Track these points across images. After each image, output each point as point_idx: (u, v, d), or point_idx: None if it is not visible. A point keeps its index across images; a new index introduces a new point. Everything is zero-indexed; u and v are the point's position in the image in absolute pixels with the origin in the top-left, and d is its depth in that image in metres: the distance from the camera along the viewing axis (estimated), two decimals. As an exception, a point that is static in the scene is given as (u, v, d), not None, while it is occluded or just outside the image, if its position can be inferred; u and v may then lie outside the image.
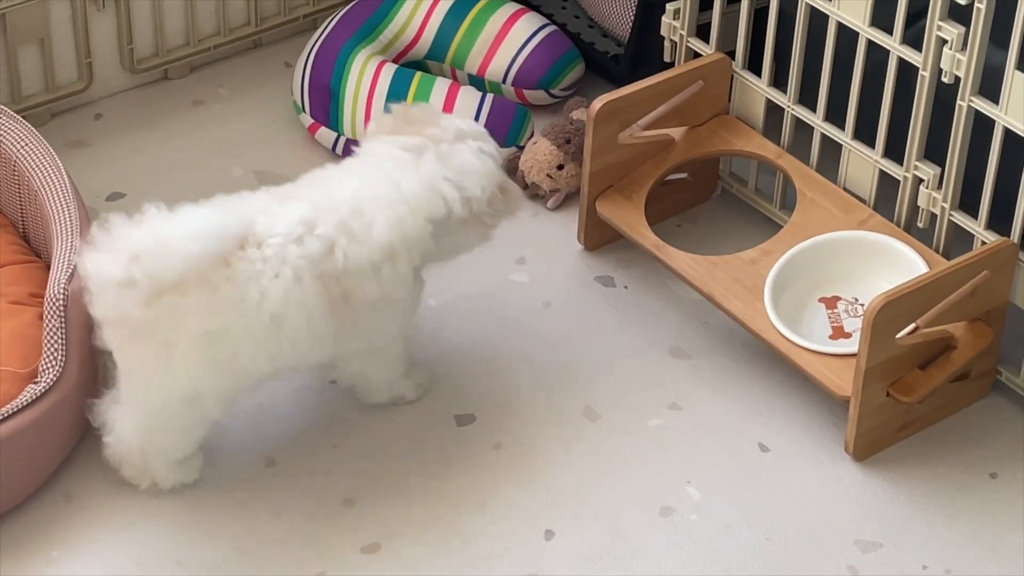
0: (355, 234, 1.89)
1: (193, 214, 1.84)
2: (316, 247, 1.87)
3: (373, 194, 1.92)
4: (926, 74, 2.03)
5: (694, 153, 2.24)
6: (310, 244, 1.87)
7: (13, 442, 1.86)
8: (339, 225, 1.89)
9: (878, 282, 2.08)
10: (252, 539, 1.92)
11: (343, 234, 1.88)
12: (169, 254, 1.79)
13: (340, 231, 1.88)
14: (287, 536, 1.93)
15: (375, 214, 1.90)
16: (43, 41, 2.33)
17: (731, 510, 1.97)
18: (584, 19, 2.54)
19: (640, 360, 2.13)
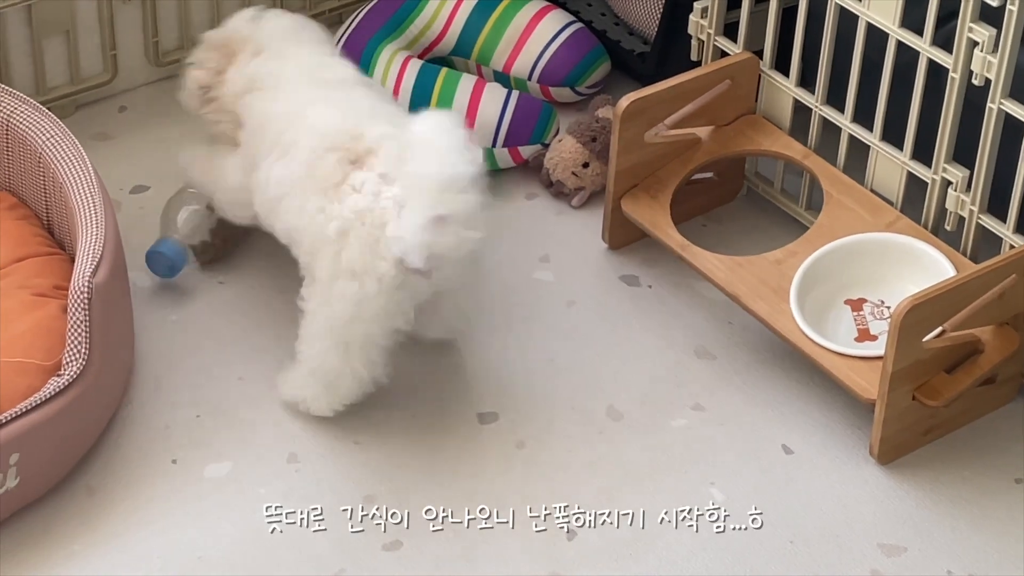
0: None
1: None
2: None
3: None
4: (956, 76, 2.02)
5: (720, 153, 2.23)
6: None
7: (36, 435, 1.86)
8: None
9: (905, 285, 2.07)
10: (274, 536, 1.92)
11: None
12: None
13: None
14: (308, 533, 1.92)
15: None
16: (68, 33, 2.32)
17: (754, 512, 1.96)
18: (610, 16, 2.53)
19: (664, 360, 2.13)
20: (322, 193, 1.93)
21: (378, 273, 1.90)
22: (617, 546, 1.92)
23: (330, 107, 1.98)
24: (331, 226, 1.91)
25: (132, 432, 2.00)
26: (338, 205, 1.91)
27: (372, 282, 1.91)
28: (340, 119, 1.96)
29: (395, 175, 1.89)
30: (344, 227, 1.91)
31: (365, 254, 1.90)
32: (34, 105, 2.11)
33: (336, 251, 1.91)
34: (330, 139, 1.94)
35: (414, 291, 1.93)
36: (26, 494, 1.89)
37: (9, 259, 2.04)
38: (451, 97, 2.33)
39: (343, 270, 1.91)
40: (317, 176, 1.93)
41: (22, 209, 2.12)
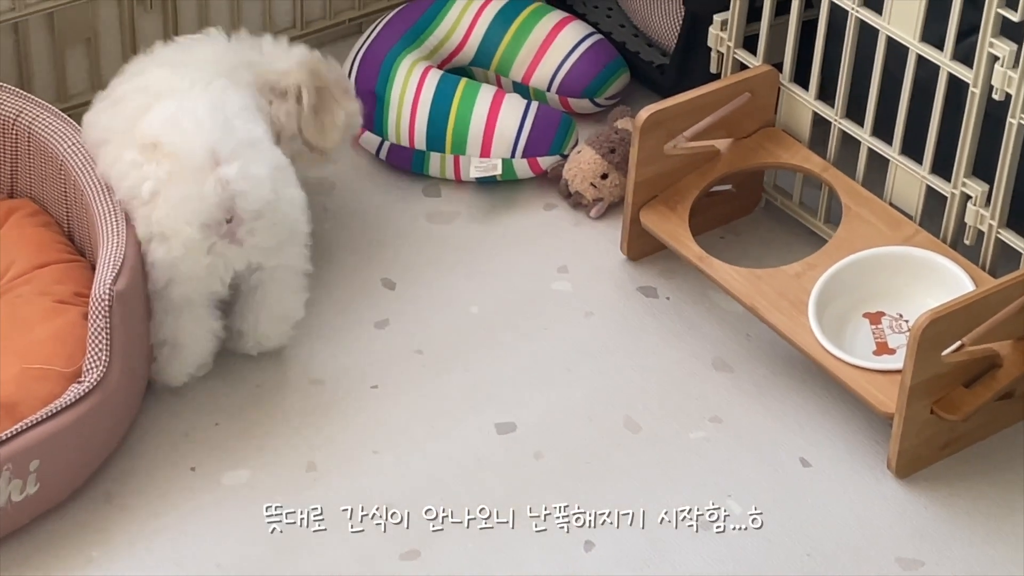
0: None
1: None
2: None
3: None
4: (976, 91, 2.02)
5: (739, 165, 2.23)
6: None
7: (55, 441, 1.87)
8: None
9: (923, 299, 2.08)
10: (291, 543, 1.92)
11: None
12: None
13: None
14: (326, 541, 1.93)
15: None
16: (90, 40, 2.33)
17: (772, 524, 1.96)
18: (629, 28, 2.54)
19: (682, 372, 2.13)
20: (140, 149, 1.97)
21: (183, 237, 1.94)
22: (634, 556, 1.92)
23: (163, 68, 2.05)
24: (146, 186, 1.96)
25: (151, 439, 2.01)
26: (154, 166, 1.96)
27: (179, 246, 1.95)
28: (170, 77, 2.02)
29: (167, 152, 1.96)
30: (156, 188, 1.95)
31: (171, 217, 1.94)
32: (56, 112, 2.12)
33: (148, 213, 1.96)
34: (152, 96, 2.00)
35: (226, 257, 1.97)
36: (46, 500, 1.90)
37: (30, 266, 2.05)
38: (471, 108, 2.33)
39: (153, 233, 1.96)
40: (138, 131, 1.98)
41: (43, 216, 2.13)
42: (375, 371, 2.10)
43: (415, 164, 2.36)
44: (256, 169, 1.95)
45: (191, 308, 2.01)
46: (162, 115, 1.98)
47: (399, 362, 2.11)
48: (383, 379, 2.09)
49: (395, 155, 2.36)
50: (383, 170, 2.37)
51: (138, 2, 2.34)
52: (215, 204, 1.94)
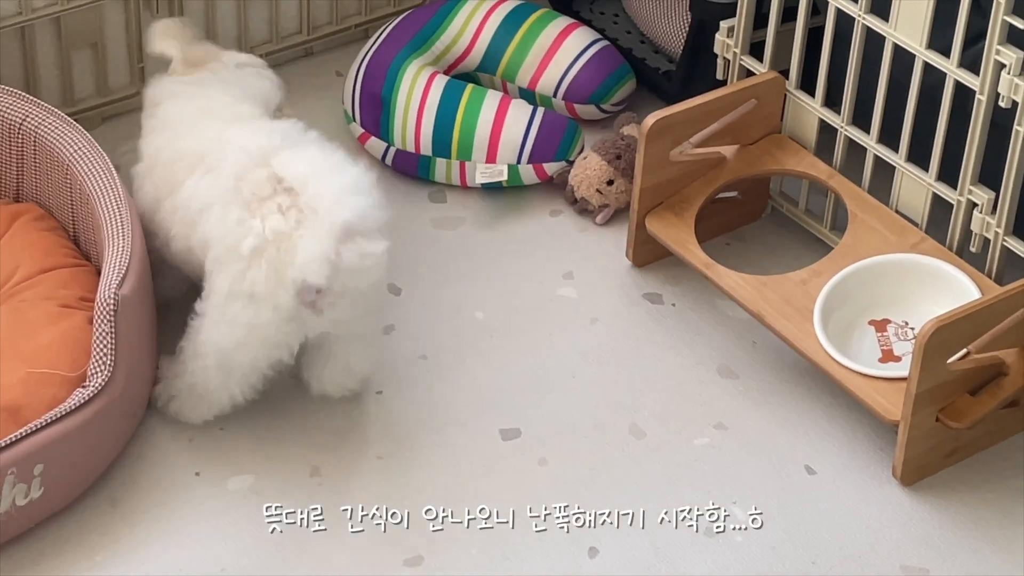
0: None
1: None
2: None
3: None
4: (983, 98, 2.02)
5: (745, 172, 2.23)
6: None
7: (60, 445, 1.87)
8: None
9: (929, 306, 2.07)
10: (295, 548, 1.92)
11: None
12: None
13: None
14: (330, 546, 1.93)
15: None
16: (96, 45, 2.33)
17: (777, 532, 1.96)
18: (636, 35, 2.53)
19: (687, 378, 2.12)
20: (246, 206, 1.91)
21: (276, 301, 1.88)
22: (638, 562, 1.92)
23: (250, 131, 1.99)
24: (247, 242, 1.89)
25: (156, 444, 2.01)
26: (259, 222, 1.89)
27: (267, 310, 1.89)
28: (268, 138, 1.96)
29: (302, 202, 1.89)
30: (259, 246, 1.89)
31: (271, 279, 1.88)
32: (62, 117, 2.12)
33: (243, 269, 1.89)
34: (260, 157, 1.93)
35: (304, 325, 1.92)
36: (50, 505, 1.90)
37: (35, 270, 2.05)
38: (476, 113, 2.33)
39: (243, 291, 1.89)
40: (244, 188, 1.92)
41: (49, 220, 2.13)
42: (380, 376, 2.09)
43: (421, 170, 2.36)
44: (376, 248, 1.88)
45: (244, 371, 1.95)
46: (302, 164, 1.90)
47: (404, 367, 2.11)
48: (388, 384, 2.09)
49: (401, 161, 2.36)
50: (389, 175, 2.37)
51: (144, 7, 2.34)
52: (327, 275, 1.86)
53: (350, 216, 1.87)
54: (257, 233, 1.88)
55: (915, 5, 2.04)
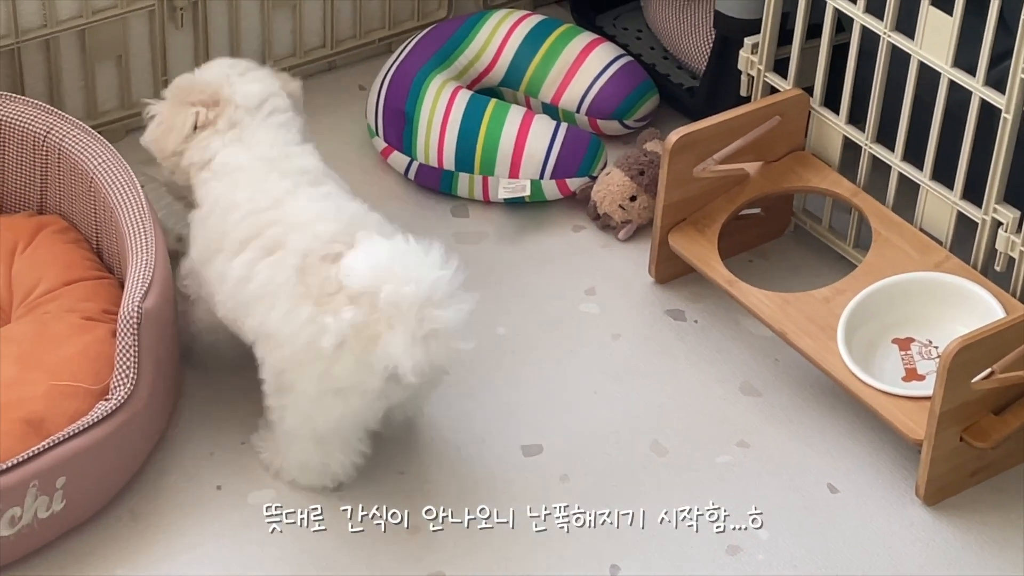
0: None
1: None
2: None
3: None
4: (1008, 116, 2.01)
5: (769, 189, 2.23)
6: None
7: (82, 458, 1.87)
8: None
9: (953, 325, 2.07)
10: (316, 563, 1.92)
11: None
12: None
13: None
14: (351, 562, 1.92)
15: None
16: (120, 58, 2.34)
17: (799, 550, 1.95)
18: (659, 50, 2.53)
19: (709, 396, 2.12)
20: (315, 301, 1.85)
21: (363, 388, 1.85)
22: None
23: (313, 204, 1.91)
24: (325, 339, 1.83)
25: (177, 457, 2.01)
26: (332, 318, 1.83)
27: (357, 397, 1.86)
28: (334, 224, 1.89)
29: (380, 303, 1.81)
30: (340, 341, 1.83)
31: (358, 370, 1.83)
32: (85, 129, 2.12)
33: (327, 367, 1.84)
34: (325, 246, 1.86)
35: (391, 397, 1.90)
36: (72, 517, 1.90)
37: (58, 282, 2.05)
38: (499, 128, 2.33)
39: (330, 388, 1.85)
40: (312, 284, 1.85)
41: (72, 233, 2.13)
42: (402, 391, 2.09)
43: (444, 184, 2.36)
44: (463, 346, 1.82)
45: (343, 443, 1.93)
46: (366, 262, 1.82)
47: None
48: (410, 399, 2.09)
49: (424, 175, 2.36)
50: (412, 190, 2.37)
51: (169, 20, 2.35)
52: (419, 372, 1.81)
53: (439, 323, 1.80)
54: (336, 330, 1.82)
55: (941, 23, 2.04)
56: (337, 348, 1.83)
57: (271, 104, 2.03)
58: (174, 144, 2.00)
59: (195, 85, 2.04)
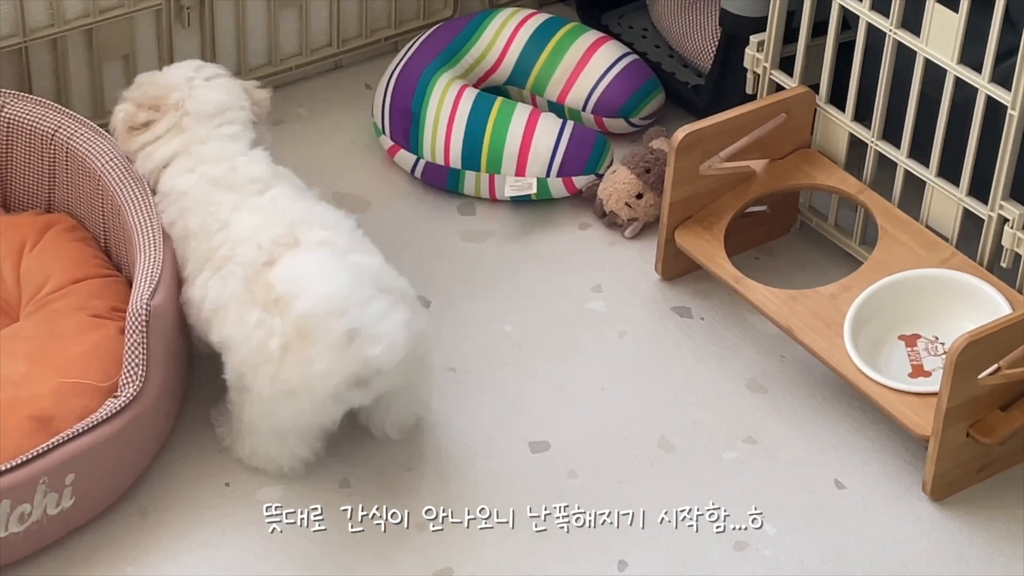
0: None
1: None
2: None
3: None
4: (1014, 113, 2.01)
5: (775, 186, 2.23)
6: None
7: (91, 455, 1.87)
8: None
9: (959, 321, 2.07)
10: (324, 559, 1.92)
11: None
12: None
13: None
14: (359, 558, 1.93)
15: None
16: (127, 57, 2.34)
17: (806, 546, 1.96)
18: (665, 49, 2.54)
19: (716, 392, 2.12)
20: (262, 306, 1.89)
21: (312, 393, 1.89)
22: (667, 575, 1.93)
23: (256, 215, 1.96)
24: (273, 342, 1.88)
25: (186, 454, 2.01)
26: (280, 320, 1.88)
27: (306, 401, 1.89)
28: (275, 229, 1.93)
29: (296, 315, 1.86)
30: (286, 343, 1.87)
31: (305, 373, 1.87)
32: (93, 127, 2.12)
33: (276, 370, 1.88)
34: (267, 252, 1.91)
35: (349, 400, 1.92)
36: (81, 514, 1.90)
37: (67, 280, 2.06)
38: (506, 127, 2.33)
39: (281, 390, 1.89)
40: (257, 292, 1.90)
41: (80, 231, 2.14)
42: (409, 389, 2.10)
43: (450, 182, 2.36)
44: (391, 329, 1.85)
45: (297, 439, 1.96)
46: (289, 271, 1.88)
47: (433, 380, 2.11)
48: (417, 397, 2.10)
49: (430, 173, 2.36)
50: (418, 188, 2.38)
51: (176, 19, 2.35)
52: (349, 374, 1.86)
53: (356, 328, 1.85)
54: (281, 332, 1.87)
55: (947, 20, 2.04)
56: (283, 351, 1.87)
57: (227, 116, 2.05)
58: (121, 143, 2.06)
59: (148, 85, 2.08)
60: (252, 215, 1.96)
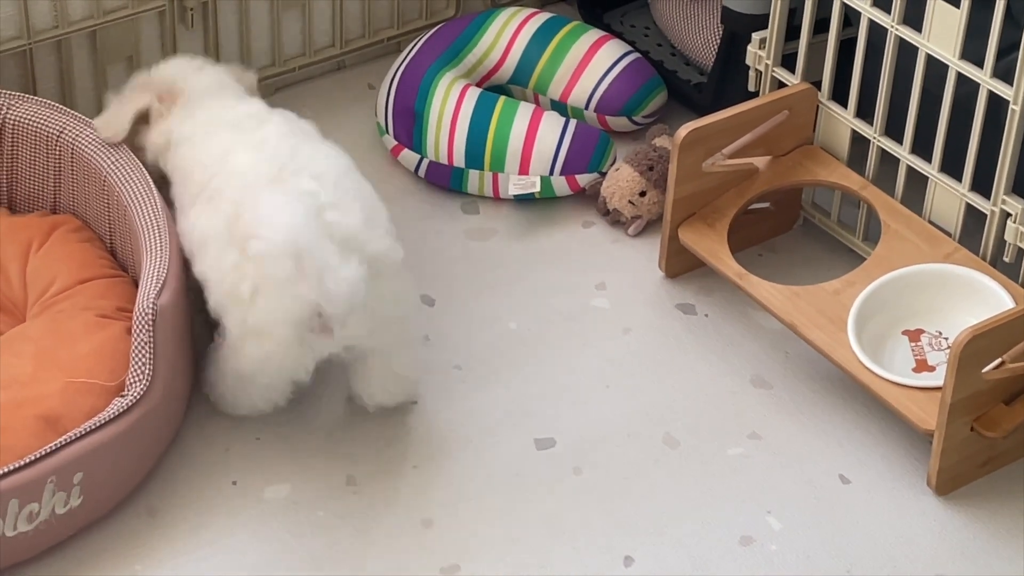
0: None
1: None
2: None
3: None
4: (1016, 108, 2.02)
5: (778, 183, 2.24)
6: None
7: (99, 454, 1.88)
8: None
9: (962, 316, 2.07)
10: (332, 558, 1.93)
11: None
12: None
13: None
14: (366, 556, 1.93)
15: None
16: (132, 58, 2.35)
17: (812, 541, 1.96)
18: (667, 47, 2.54)
19: (720, 388, 2.13)
20: (238, 247, 1.93)
21: (277, 335, 1.92)
22: (674, 572, 1.93)
23: (250, 153, 1.99)
24: (244, 286, 1.91)
25: (193, 454, 2.02)
26: (252, 265, 1.91)
27: (271, 343, 1.92)
28: (266, 167, 1.96)
29: (253, 244, 1.90)
30: (257, 287, 1.91)
31: (271, 316, 1.91)
32: (98, 129, 2.13)
33: (245, 312, 1.92)
34: (253, 189, 1.94)
35: (316, 348, 1.94)
36: (89, 513, 1.91)
37: (73, 280, 2.06)
38: (509, 125, 2.34)
39: (250, 331, 1.93)
40: (236, 231, 1.93)
41: (86, 231, 2.14)
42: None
43: (454, 181, 2.37)
44: (347, 273, 1.87)
45: (262, 391, 2.00)
46: (256, 213, 1.91)
47: (438, 378, 2.12)
48: (422, 394, 2.10)
49: (434, 172, 2.37)
50: (422, 187, 2.38)
51: (179, 21, 2.36)
52: (304, 309, 1.89)
53: (299, 268, 1.87)
54: (252, 276, 1.91)
55: (948, 16, 2.05)
56: (253, 294, 1.91)
57: (226, 92, 2.12)
58: (115, 130, 2.09)
59: (152, 80, 2.13)
60: (245, 153, 2.00)
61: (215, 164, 2.01)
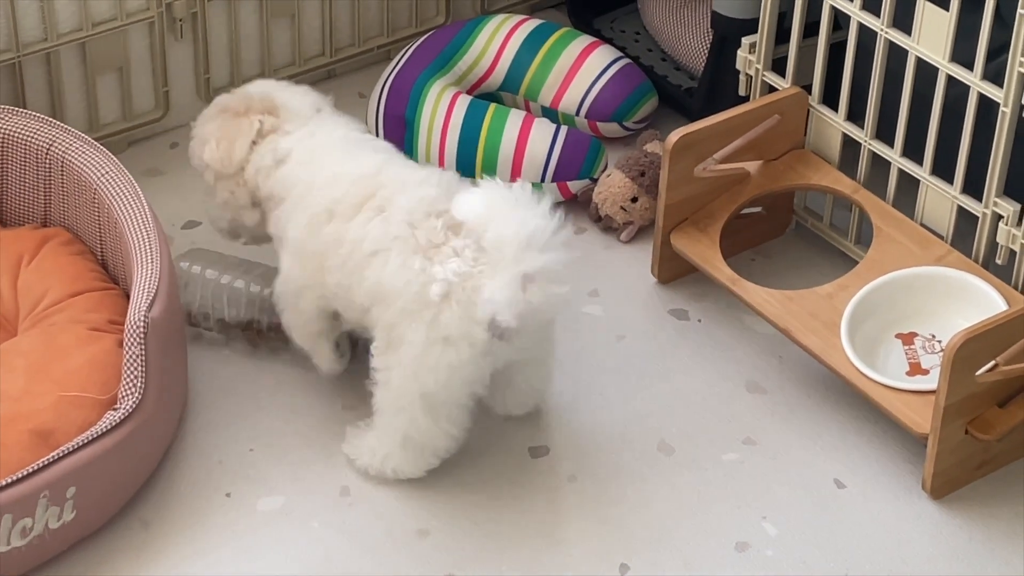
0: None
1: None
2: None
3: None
4: (1007, 110, 2.02)
5: (769, 187, 2.24)
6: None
7: (92, 468, 1.88)
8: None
9: (955, 319, 2.07)
10: (326, 567, 1.93)
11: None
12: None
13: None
14: (361, 565, 1.93)
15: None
16: (122, 70, 2.35)
17: (807, 546, 1.96)
18: (657, 52, 2.54)
19: (714, 394, 2.13)
20: (424, 253, 1.91)
21: (471, 339, 1.89)
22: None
23: (414, 171, 2.00)
24: (435, 288, 1.89)
25: (186, 466, 2.02)
26: (441, 267, 1.90)
27: (466, 348, 1.90)
28: (435, 188, 1.96)
29: (485, 243, 1.88)
30: (448, 290, 1.89)
31: (464, 320, 1.89)
32: (88, 141, 2.13)
33: (435, 314, 1.89)
34: (429, 203, 1.94)
35: (496, 356, 1.93)
36: (82, 527, 1.90)
37: (64, 294, 2.06)
38: (500, 133, 2.34)
39: (439, 336, 1.90)
40: (420, 236, 1.92)
41: (77, 244, 2.14)
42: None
43: (445, 189, 2.36)
44: (561, 290, 1.86)
45: (450, 411, 1.95)
46: (480, 206, 1.88)
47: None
48: (416, 404, 2.10)
49: (425, 181, 2.36)
50: (414, 196, 2.38)
51: (169, 31, 2.36)
52: (517, 316, 1.86)
53: (538, 264, 1.85)
54: (442, 278, 1.89)
55: (937, 18, 2.05)
56: (444, 297, 1.89)
57: (325, 109, 2.10)
58: (241, 153, 2.05)
59: (246, 99, 2.08)
60: (407, 170, 1.99)
61: (374, 176, 1.98)
